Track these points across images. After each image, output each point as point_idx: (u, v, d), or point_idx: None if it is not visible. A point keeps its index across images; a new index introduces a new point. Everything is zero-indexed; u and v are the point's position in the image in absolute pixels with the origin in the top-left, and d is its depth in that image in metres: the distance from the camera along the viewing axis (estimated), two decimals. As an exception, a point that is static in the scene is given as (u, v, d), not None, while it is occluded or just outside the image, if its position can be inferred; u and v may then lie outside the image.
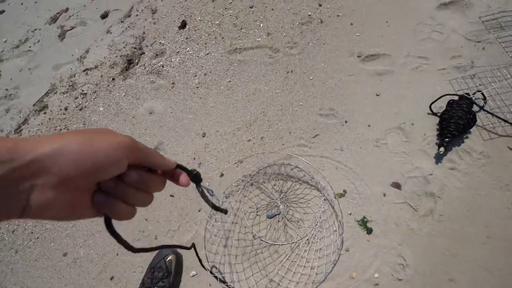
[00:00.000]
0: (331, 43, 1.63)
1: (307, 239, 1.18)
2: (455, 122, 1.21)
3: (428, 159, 1.24)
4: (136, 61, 1.85)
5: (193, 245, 0.94)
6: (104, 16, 2.14)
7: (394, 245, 1.12)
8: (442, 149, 1.19)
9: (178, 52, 1.81)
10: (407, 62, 1.48)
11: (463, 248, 1.07)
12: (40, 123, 1.77)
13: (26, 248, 1.39)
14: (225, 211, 0.54)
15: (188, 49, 1.81)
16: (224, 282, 1.14)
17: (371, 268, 1.09)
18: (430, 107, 1.33)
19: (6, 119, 1.86)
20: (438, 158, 1.23)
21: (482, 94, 1.29)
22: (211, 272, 1.15)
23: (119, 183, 0.32)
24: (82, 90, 1.82)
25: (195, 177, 0.44)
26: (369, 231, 1.15)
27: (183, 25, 1.91)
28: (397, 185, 1.22)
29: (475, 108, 1.27)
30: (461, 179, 1.18)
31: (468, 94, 1.28)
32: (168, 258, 1.15)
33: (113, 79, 1.81)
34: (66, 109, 1.78)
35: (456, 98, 1.30)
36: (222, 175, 1.36)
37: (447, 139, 1.20)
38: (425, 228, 1.13)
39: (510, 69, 1.35)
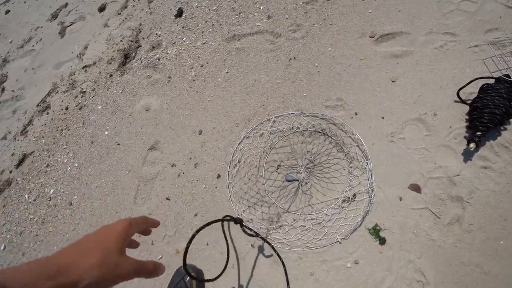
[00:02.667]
0: (339, 23, 1.36)
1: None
2: (490, 111, 0.94)
3: (455, 156, 1.00)
4: (133, 55, 1.68)
5: (240, 221, 0.92)
6: (102, 9, 1.97)
7: (411, 258, 0.92)
8: (472, 145, 0.94)
9: (174, 43, 1.61)
10: (430, 40, 1.20)
11: (497, 265, 0.85)
12: (44, 123, 1.68)
13: (31, 251, 1.33)
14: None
15: (184, 39, 1.60)
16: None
17: (383, 284, 0.91)
18: (458, 93, 1.06)
19: (14, 120, 1.79)
20: (467, 155, 0.98)
21: (526, 75, 1.00)
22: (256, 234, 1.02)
23: None
24: (82, 89, 1.69)
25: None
26: (382, 241, 0.96)
27: (179, 13, 1.69)
28: (416, 188, 1.00)
29: (516, 93, 0.99)
30: (497, 180, 0.93)
31: (507, 75, 1.00)
32: (188, 278, 1.02)
33: (111, 75, 1.66)
34: (67, 108, 1.66)
35: (491, 81, 1.02)
36: (219, 176, 1.20)
37: (479, 133, 0.94)
38: (450, 239, 0.91)
39: (563, 42, 1.03)
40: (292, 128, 1.19)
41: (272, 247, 1.02)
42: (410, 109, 1.11)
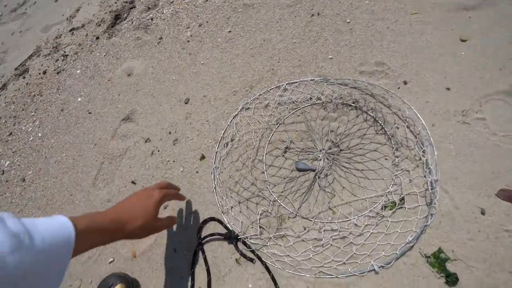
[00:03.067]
0: (383, -29, 1.01)
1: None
2: None
3: None
4: (125, 16, 1.41)
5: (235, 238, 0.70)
6: (103, -28, 1.74)
7: (508, 317, 0.52)
8: None
9: (172, 2, 1.33)
10: (521, -15, 0.82)
11: None
12: (17, 88, 1.42)
13: None
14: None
15: (185, -3, 1.31)
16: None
17: None
18: None
19: (-10, 84, 1.56)
20: None
21: None
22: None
23: None
24: (64, 52, 1.44)
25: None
26: (452, 279, 0.56)
27: (184, -29, 1.41)
28: (510, 195, 0.60)
29: None
30: None
31: None
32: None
33: (97, 38, 1.40)
34: (44, 72, 1.41)
35: None
36: (202, 157, 0.85)
37: None
38: None
39: None
40: (311, 98, 0.84)
41: (267, 269, 0.65)
42: (493, 77, 0.73)
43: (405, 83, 0.79)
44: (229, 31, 1.09)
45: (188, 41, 1.14)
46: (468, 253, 0.57)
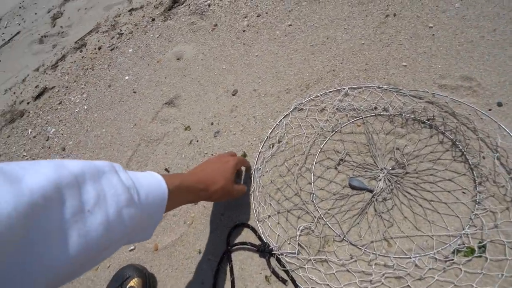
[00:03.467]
0: (481, -28, 0.86)
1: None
2: None
3: None
4: (183, 0, 1.40)
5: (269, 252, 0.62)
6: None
7: None
8: None
9: (232, -10, 1.29)
10: None
11: None
12: (74, 61, 1.49)
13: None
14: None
15: (245, -14, 1.27)
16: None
17: None
18: None
19: (51, 54, 1.66)
20: None
21: None
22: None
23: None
24: (120, 30, 1.47)
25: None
26: None
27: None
28: None
29: None
30: None
31: None
32: (129, 285, 0.64)
33: (153, 19, 1.41)
34: (100, 48, 1.45)
35: None
36: (244, 155, 0.79)
37: None
38: None
39: None
40: (376, 108, 0.73)
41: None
42: None
43: (499, 104, 0.65)
44: (290, 25, 1.02)
45: (244, 31, 1.09)
46: None
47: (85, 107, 1.22)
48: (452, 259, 0.54)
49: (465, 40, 0.77)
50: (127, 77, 1.22)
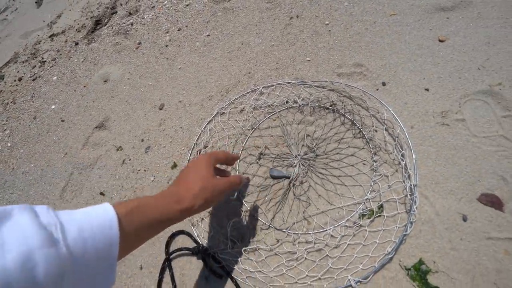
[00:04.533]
0: (361, -27, 1.00)
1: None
2: None
3: None
4: (105, 21, 1.39)
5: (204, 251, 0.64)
6: (86, -21, 1.73)
7: (494, 336, 0.47)
8: None
9: (153, 6, 1.31)
10: (498, -15, 0.81)
11: None
12: (-8, 96, 1.38)
13: None
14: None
15: (165, 2, 1.30)
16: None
17: None
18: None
19: (-35, 93, 1.51)
20: None
21: None
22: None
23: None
24: (42, 58, 1.40)
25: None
26: (433, 293, 0.52)
27: (166, -23, 1.41)
28: (493, 201, 0.57)
29: None
30: None
31: None
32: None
33: (77, 43, 1.37)
34: (20, 79, 1.37)
35: None
36: (174, 165, 0.81)
37: None
38: None
39: None
40: (287, 102, 0.81)
41: (237, 286, 0.60)
42: (472, 77, 0.71)
43: (383, 84, 0.77)
44: (208, 35, 1.07)
45: (167, 46, 1.12)
46: (450, 264, 0.53)
47: (9, 144, 1.14)
48: (360, 223, 0.62)
49: (354, 32, 0.88)
50: (53, 106, 1.17)
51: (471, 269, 0.52)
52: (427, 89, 0.73)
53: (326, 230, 0.63)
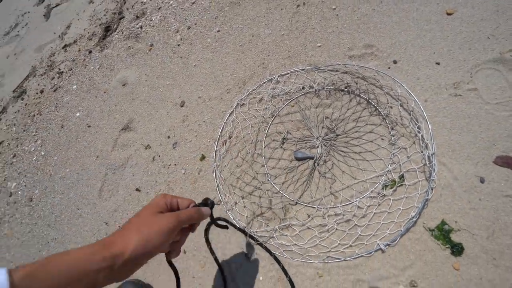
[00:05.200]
0: (364, -47, 1.01)
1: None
2: None
3: None
4: (115, 27, 1.44)
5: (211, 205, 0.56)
6: (89, -14, 1.77)
7: (516, 280, 0.53)
8: None
9: (159, 8, 1.35)
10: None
11: None
12: (17, 110, 1.46)
13: None
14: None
15: (171, 2, 1.34)
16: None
17: (468, 326, 0.52)
18: None
19: (-9, 109, 1.60)
20: None
21: None
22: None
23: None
24: (59, 69, 1.47)
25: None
26: (457, 249, 0.57)
27: (167, -23, 1.44)
28: (508, 161, 0.61)
29: None
30: None
31: None
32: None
33: (90, 51, 1.42)
34: (42, 92, 1.44)
35: None
36: (203, 157, 0.87)
37: None
38: None
39: None
40: (303, 88, 0.85)
41: (276, 260, 0.67)
42: (482, 47, 0.74)
43: (395, 62, 0.80)
44: (218, 31, 1.11)
45: (179, 45, 1.17)
46: (471, 222, 0.58)
47: (42, 153, 1.22)
48: (383, 193, 0.68)
49: (362, 14, 0.91)
50: (78, 114, 1.24)
51: (491, 225, 0.57)
52: (438, 63, 0.76)
53: (353, 202, 0.69)
